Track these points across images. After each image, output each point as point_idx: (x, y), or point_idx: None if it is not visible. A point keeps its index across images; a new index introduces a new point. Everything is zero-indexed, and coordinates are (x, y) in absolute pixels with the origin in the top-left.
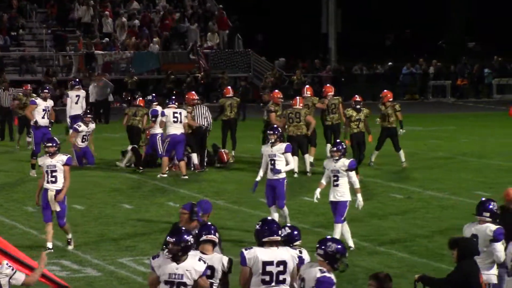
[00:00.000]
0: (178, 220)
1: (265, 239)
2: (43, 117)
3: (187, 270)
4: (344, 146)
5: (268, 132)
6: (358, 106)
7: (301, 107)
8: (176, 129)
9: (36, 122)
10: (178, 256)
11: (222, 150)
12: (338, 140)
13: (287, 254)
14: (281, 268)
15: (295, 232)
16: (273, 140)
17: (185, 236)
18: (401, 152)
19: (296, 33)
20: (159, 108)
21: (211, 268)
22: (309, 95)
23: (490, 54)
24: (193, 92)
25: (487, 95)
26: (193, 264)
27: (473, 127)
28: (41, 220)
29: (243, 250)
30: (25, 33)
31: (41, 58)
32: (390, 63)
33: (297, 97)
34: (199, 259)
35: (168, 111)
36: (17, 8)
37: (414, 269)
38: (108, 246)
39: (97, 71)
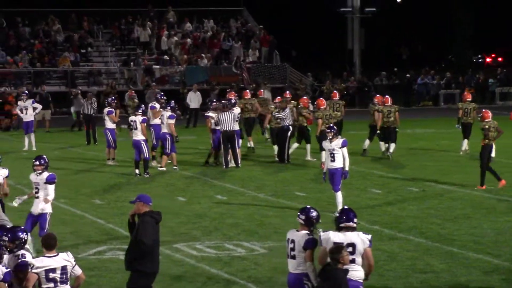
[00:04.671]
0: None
1: (342, 225)
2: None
3: None
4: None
5: (326, 130)
6: None
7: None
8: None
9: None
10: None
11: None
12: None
13: (358, 238)
14: (350, 249)
15: (313, 214)
16: (330, 137)
17: (19, 234)
18: (466, 141)
19: (325, 49)
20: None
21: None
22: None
23: (493, 66)
24: (233, 92)
25: (491, 102)
26: None
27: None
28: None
29: (321, 232)
30: (93, 50)
31: (106, 72)
32: (407, 75)
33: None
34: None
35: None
36: (87, 29)
37: (429, 252)
38: (165, 233)
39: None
